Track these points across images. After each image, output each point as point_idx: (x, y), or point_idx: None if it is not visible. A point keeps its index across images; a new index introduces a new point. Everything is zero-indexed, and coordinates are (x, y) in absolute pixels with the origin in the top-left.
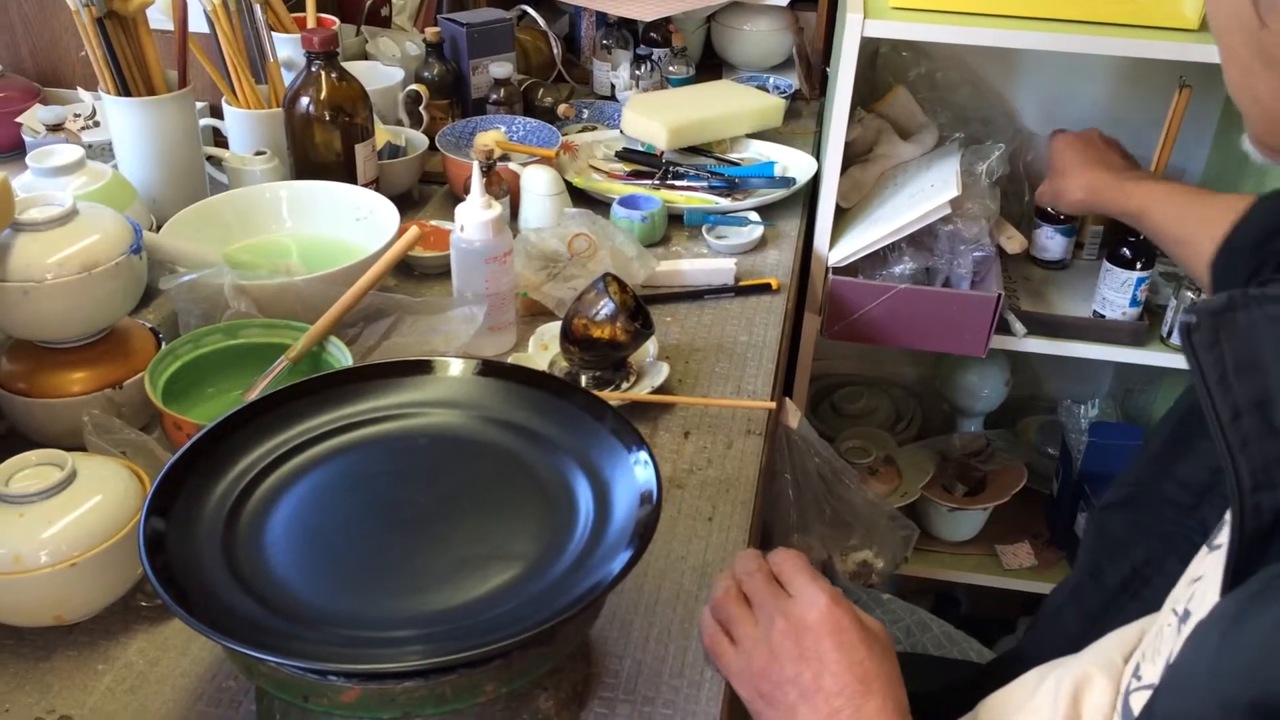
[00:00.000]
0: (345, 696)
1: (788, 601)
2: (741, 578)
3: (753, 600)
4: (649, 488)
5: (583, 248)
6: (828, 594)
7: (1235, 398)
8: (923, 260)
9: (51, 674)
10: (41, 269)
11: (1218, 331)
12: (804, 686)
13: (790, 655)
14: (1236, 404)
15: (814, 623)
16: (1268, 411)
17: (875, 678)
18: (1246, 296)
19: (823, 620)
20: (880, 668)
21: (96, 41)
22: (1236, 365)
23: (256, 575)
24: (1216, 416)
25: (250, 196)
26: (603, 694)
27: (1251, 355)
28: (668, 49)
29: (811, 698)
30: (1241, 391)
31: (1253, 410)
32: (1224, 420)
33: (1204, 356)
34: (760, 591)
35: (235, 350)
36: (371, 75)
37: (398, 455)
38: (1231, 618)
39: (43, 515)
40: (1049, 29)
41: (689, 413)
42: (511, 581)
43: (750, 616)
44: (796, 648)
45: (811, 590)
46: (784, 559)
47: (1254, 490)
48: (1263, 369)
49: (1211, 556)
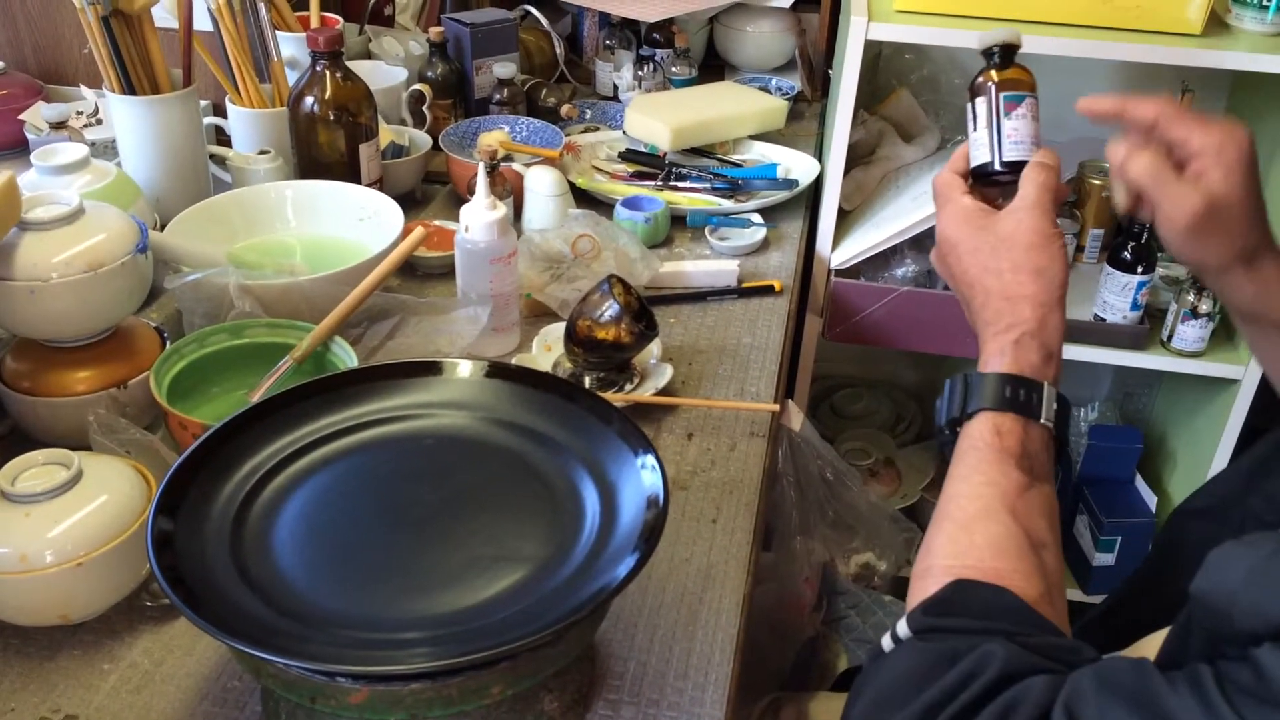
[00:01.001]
0: (353, 698)
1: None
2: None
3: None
4: (655, 491)
5: (586, 249)
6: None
7: None
8: (925, 263)
9: (57, 673)
10: (47, 268)
11: None
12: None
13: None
14: None
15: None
16: None
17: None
18: None
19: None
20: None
21: (101, 39)
22: None
23: (264, 576)
24: None
25: (255, 196)
26: (607, 696)
27: None
28: (670, 50)
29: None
30: None
31: None
32: None
33: None
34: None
35: (240, 350)
36: (375, 75)
37: (405, 456)
38: (1268, 555)
39: (49, 515)
40: (1052, 33)
41: (692, 414)
42: (518, 584)
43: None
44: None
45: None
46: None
47: None
48: None
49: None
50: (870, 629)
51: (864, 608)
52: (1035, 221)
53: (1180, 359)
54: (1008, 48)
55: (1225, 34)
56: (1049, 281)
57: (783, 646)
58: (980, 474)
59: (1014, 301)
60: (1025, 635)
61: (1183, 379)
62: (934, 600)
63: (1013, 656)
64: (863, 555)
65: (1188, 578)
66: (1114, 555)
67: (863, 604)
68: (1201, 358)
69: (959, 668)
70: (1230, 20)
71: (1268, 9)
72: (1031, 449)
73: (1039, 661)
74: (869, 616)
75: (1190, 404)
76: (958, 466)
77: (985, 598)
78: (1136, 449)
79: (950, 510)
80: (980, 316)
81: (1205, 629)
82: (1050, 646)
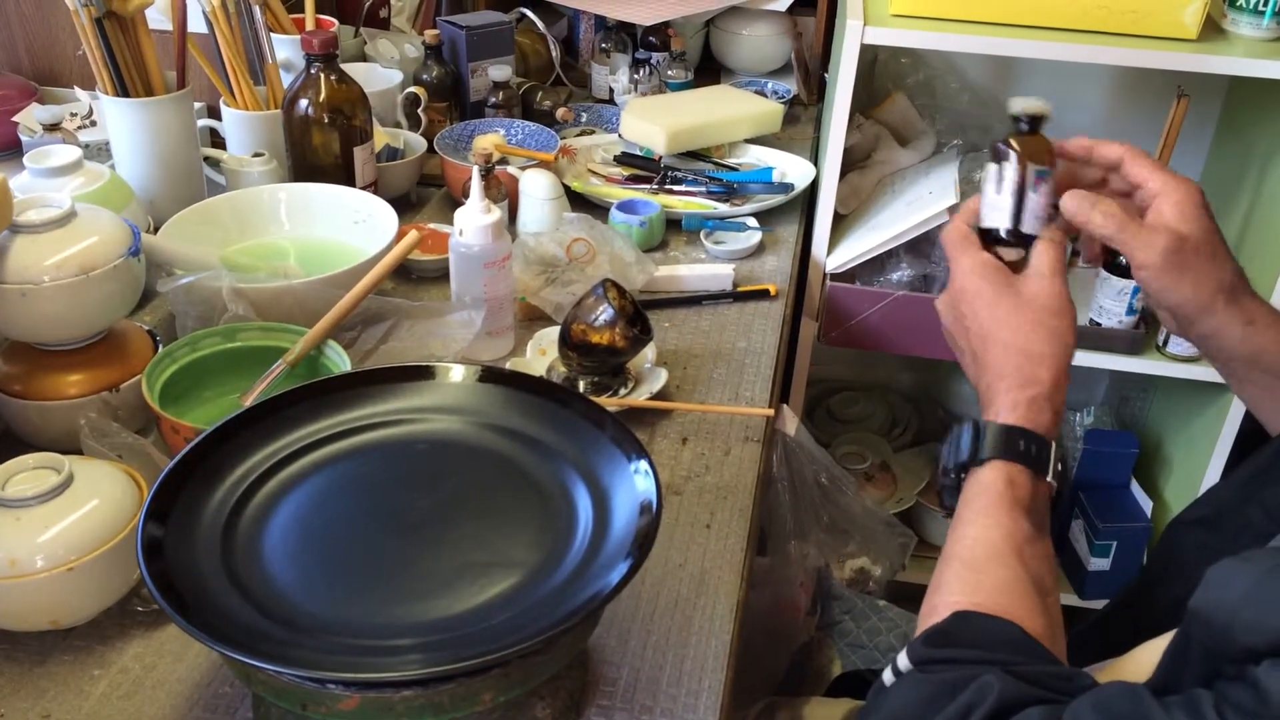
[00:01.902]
0: (344, 705)
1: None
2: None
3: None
4: (649, 497)
5: (581, 253)
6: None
7: None
8: (920, 267)
9: (47, 679)
10: (39, 271)
11: None
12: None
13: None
14: None
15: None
16: None
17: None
18: None
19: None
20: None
21: (95, 42)
22: None
23: (255, 582)
24: None
25: (249, 198)
26: (600, 703)
27: None
28: (666, 53)
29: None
30: None
31: None
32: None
33: None
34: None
35: (233, 353)
36: (370, 77)
37: (398, 461)
38: (1267, 571)
39: (39, 519)
40: (1048, 38)
41: (687, 419)
42: (511, 590)
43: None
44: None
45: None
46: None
47: None
48: None
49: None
50: (864, 634)
51: (858, 613)
52: (1058, 288)
53: (1176, 364)
54: (1038, 118)
55: (1221, 39)
56: (1065, 347)
57: (777, 651)
58: (990, 518)
59: (1033, 359)
60: (1023, 664)
61: (1178, 384)
62: (934, 631)
63: (1009, 687)
64: (858, 560)
65: (1183, 587)
66: (1109, 560)
67: (857, 609)
68: (1197, 362)
69: (958, 700)
70: (1226, 25)
71: (1263, 14)
72: (1038, 503)
73: (1036, 691)
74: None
75: (1186, 409)
76: (966, 510)
77: (985, 627)
78: (1132, 454)
79: (959, 551)
80: (993, 369)
81: (1204, 645)
82: (1048, 675)
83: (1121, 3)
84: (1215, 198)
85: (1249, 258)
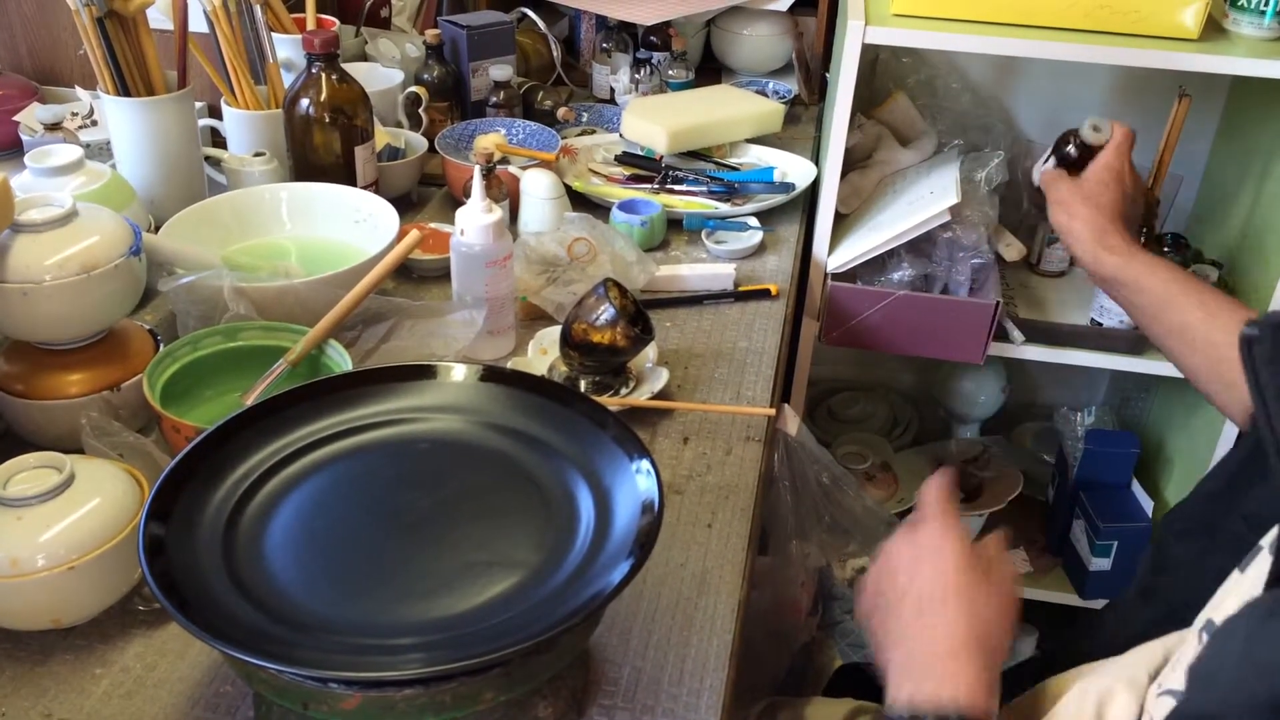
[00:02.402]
0: (345, 704)
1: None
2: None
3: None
4: (650, 497)
5: (582, 252)
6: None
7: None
8: (921, 267)
9: (48, 678)
10: (40, 270)
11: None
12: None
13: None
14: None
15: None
16: None
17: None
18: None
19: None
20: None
21: (96, 41)
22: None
23: (256, 581)
24: (1271, 426)
25: (250, 198)
26: (602, 702)
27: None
28: (667, 53)
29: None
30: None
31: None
32: (1278, 430)
33: (1263, 370)
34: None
35: (234, 353)
36: (371, 77)
37: (399, 461)
38: (1262, 616)
39: (41, 518)
40: (1050, 37)
41: (688, 418)
42: (512, 589)
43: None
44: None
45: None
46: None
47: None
48: None
49: (1243, 577)
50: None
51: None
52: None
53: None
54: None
55: (1222, 39)
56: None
57: (778, 651)
58: None
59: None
60: None
61: (1179, 383)
62: None
63: None
64: (859, 560)
65: (1179, 595)
66: (1110, 560)
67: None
68: None
69: None
70: (1228, 25)
71: (1265, 14)
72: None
73: None
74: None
75: (1187, 408)
76: None
77: None
78: (1133, 454)
79: None
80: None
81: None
82: None
83: (1123, 2)
84: (1217, 197)
85: (1249, 257)
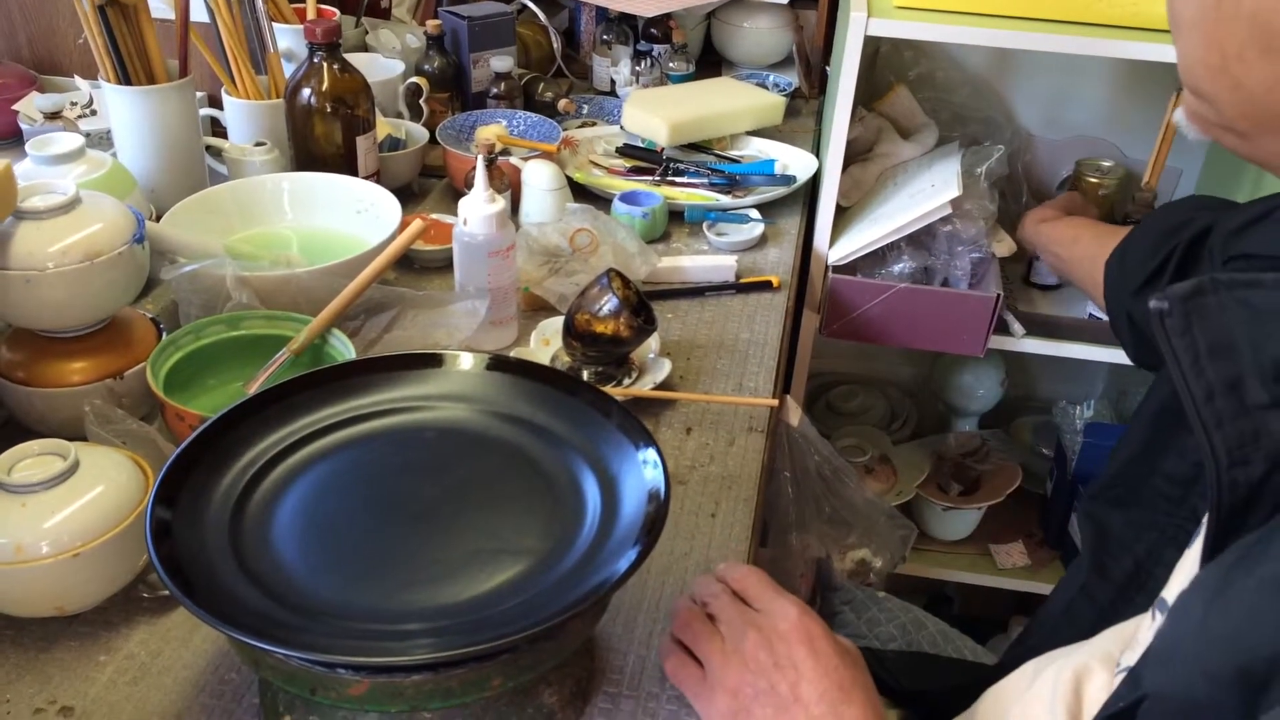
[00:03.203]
0: (353, 689)
1: (756, 615)
2: (705, 599)
3: (719, 618)
4: (656, 485)
5: (585, 243)
6: (796, 605)
7: (1209, 379)
8: (921, 260)
9: (53, 665)
10: (43, 257)
11: (1189, 316)
12: (781, 698)
13: (765, 666)
14: (1210, 385)
15: (786, 631)
16: (1240, 391)
17: (853, 684)
18: (1215, 281)
19: (795, 629)
20: (856, 675)
21: (98, 29)
22: (1210, 348)
23: (263, 567)
24: (1192, 397)
25: (252, 187)
26: (607, 689)
27: (1223, 338)
28: (668, 45)
29: (790, 709)
30: (1215, 373)
31: (1226, 391)
32: (1199, 401)
33: (1177, 341)
34: (727, 609)
35: (237, 342)
36: (372, 68)
37: (406, 449)
38: (1214, 589)
39: (45, 505)
40: (1050, 30)
41: (691, 409)
42: (519, 576)
43: (717, 634)
44: (771, 657)
45: (780, 602)
46: (746, 575)
47: (1229, 467)
48: (1235, 350)
49: (1191, 551)
50: (864, 624)
51: (858, 604)
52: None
53: None
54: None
55: None
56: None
57: None
58: None
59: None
60: None
61: None
62: None
63: None
64: (858, 552)
65: (1123, 566)
66: None
67: (857, 600)
68: None
69: None
70: None
71: None
72: None
73: None
74: (863, 612)
75: None
76: None
77: None
78: None
79: None
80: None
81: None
82: None
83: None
84: (1214, 190)
85: None
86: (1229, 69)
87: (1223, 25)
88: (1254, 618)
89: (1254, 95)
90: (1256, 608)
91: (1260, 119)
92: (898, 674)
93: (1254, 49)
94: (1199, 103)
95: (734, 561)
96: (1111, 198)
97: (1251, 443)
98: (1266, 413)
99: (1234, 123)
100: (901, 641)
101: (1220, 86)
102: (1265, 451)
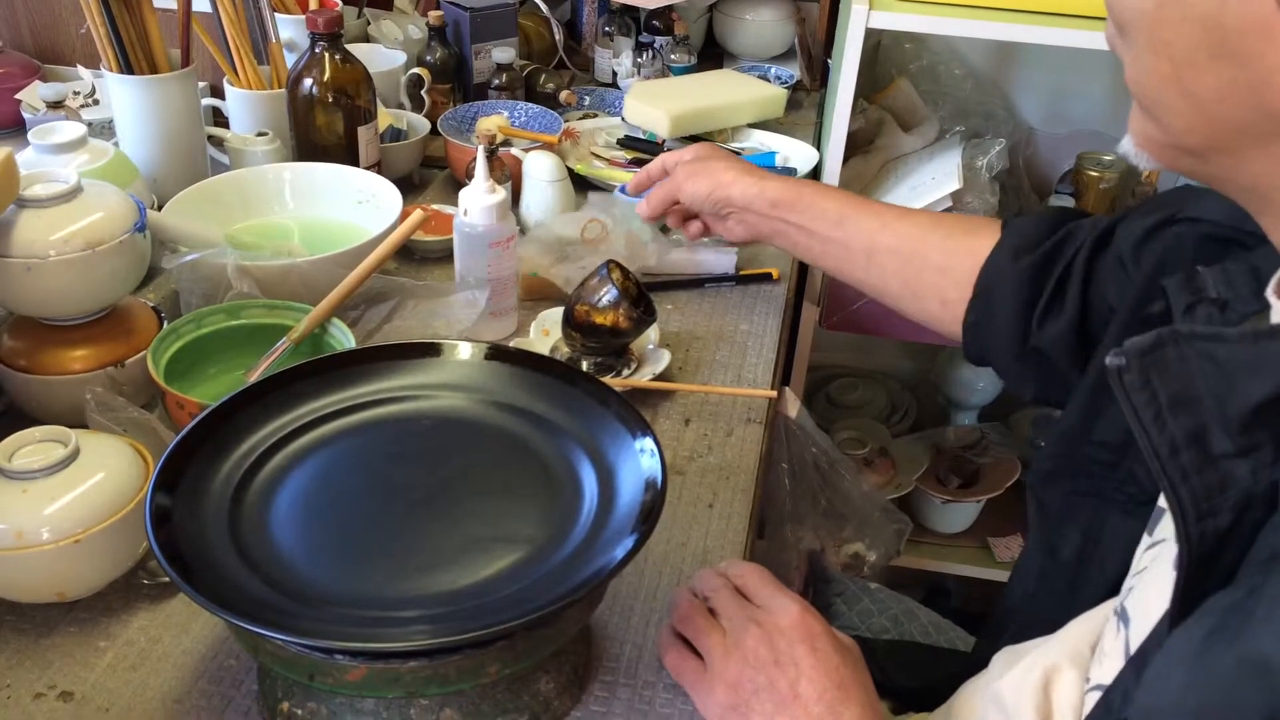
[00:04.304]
0: (351, 675)
1: (758, 611)
2: (707, 593)
3: (720, 613)
4: (653, 474)
5: (595, 234)
6: (798, 602)
7: (1172, 433)
8: None
9: (53, 651)
10: (45, 245)
11: (1147, 372)
12: (780, 694)
13: (765, 662)
14: (1174, 439)
15: (788, 628)
16: (1204, 443)
17: (852, 683)
18: (1175, 334)
19: (796, 626)
20: (856, 674)
21: (100, 19)
22: (1170, 402)
23: (262, 554)
24: (1155, 453)
25: (253, 177)
26: (603, 678)
27: (1184, 390)
28: (670, 37)
29: (789, 706)
30: (1177, 426)
31: (1190, 443)
32: (1163, 456)
33: (1136, 397)
34: (728, 604)
35: (238, 330)
36: (373, 58)
37: (404, 437)
38: (1192, 657)
39: (46, 491)
40: (1053, 23)
41: (690, 400)
42: (517, 564)
43: (718, 628)
44: (771, 654)
45: (781, 599)
46: (748, 572)
47: (1198, 520)
48: (1196, 402)
49: (1151, 551)
50: (857, 616)
51: (850, 596)
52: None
53: None
54: None
55: None
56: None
57: None
58: None
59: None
60: None
61: None
62: None
63: None
64: (853, 545)
65: (1070, 541)
66: None
67: (849, 592)
68: None
69: None
70: None
71: None
72: None
73: None
74: (855, 604)
75: None
76: None
77: None
78: None
79: None
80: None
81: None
82: None
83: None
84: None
85: None
86: (1179, 76)
87: (1171, 27)
88: (1233, 702)
89: (1204, 104)
90: (1236, 691)
91: (1212, 134)
92: (888, 664)
93: (1204, 53)
94: (1147, 122)
95: (735, 559)
96: (1112, 191)
97: (1219, 493)
98: (1232, 461)
99: (1184, 139)
100: (894, 632)
101: (1169, 94)
102: (1232, 501)
